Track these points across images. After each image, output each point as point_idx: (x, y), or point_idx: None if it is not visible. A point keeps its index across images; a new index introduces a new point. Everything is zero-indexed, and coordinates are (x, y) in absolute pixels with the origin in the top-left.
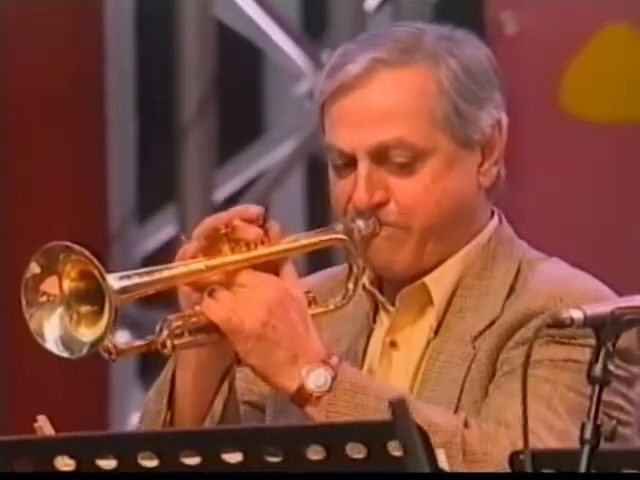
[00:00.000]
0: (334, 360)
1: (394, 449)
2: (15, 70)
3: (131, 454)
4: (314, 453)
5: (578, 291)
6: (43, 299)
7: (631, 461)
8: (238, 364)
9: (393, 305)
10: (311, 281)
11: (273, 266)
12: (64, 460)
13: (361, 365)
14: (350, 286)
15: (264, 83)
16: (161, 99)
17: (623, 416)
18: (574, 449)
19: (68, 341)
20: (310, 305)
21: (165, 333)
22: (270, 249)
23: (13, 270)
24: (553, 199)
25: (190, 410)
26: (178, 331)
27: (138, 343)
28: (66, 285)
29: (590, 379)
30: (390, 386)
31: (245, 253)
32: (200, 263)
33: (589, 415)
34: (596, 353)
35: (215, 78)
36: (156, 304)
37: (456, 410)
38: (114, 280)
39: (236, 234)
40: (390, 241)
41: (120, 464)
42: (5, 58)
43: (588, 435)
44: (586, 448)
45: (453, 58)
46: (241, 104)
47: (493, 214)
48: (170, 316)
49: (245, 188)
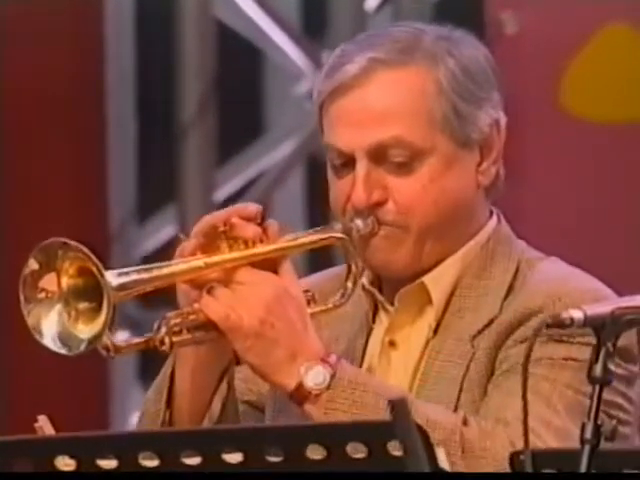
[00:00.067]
0: (333, 358)
1: (394, 449)
2: (15, 70)
3: (132, 454)
4: (314, 453)
5: (577, 290)
6: (41, 295)
7: (631, 461)
8: (238, 364)
9: (392, 305)
10: (311, 281)
11: (271, 264)
12: (64, 460)
13: (360, 364)
14: (349, 285)
15: (264, 83)
16: (161, 99)
17: (622, 415)
18: (574, 449)
19: (66, 338)
20: (309, 304)
21: (163, 330)
22: (268, 247)
23: (13, 270)
24: (553, 199)
25: (189, 408)
26: (176, 328)
27: (136, 340)
28: (64, 282)
29: (590, 379)
30: (389, 384)
31: (243, 251)
32: (199, 260)
33: (589, 415)
34: (596, 353)
35: (215, 78)
36: (157, 304)
37: (455, 409)
38: (112, 277)
39: (234, 232)
40: (388, 241)
41: (121, 464)
42: (5, 58)
43: (588, 435)
44: (586, 448)
45: (452, 58)
46: (241, 104)
47: (492, 214)
48: (169, 313)
49: (245, 188)
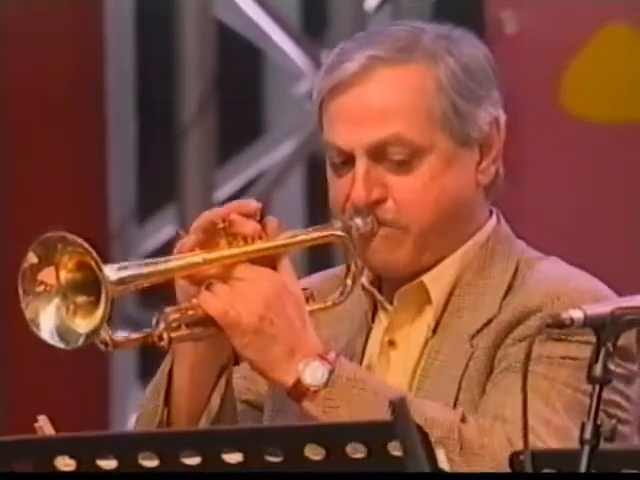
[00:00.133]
0: (331, 355)
1: (394, 449)
2: (15, 70)
3: (131, 454)
4: (314, 453)
5: (576, 290)
6: (40, 289)
7: (631, 461)
8: (236, 364)
9: (391, 304)
10: (310, 281)
11: (270, 261)
12: (64, 460)
13: (359, 364)
14: (348, 282)
15: (264, 83)
16: (161, 99)
17: (621, 414)
18: (574, 449)
19: (64, 332)
20: (308, 301)
21: (162, 326)
22: (267, 244)
23: (13, 271)
24: (553, 199)
25: (187, 406)
26: (175, 324)
27: (135, 335)
28: (63, 275)
29: (590, 379)
30: (387, 382)
31: (242, 247)
32: (197, 256)
33: (589, 415)
34: (596, 353)
35: (215, 78)
36: (157, 304)
37: (454, 409)
38: (111, 271)
39: (234, 228)
40: (388, 242)
41: (120, 464)
42: (5, 58)
43: (588, 435)
44: (586, 448)
45: (451, 57)
46: (241, 104)
47: (491, 213)
48: (167, 309)
49: (245, 188)
